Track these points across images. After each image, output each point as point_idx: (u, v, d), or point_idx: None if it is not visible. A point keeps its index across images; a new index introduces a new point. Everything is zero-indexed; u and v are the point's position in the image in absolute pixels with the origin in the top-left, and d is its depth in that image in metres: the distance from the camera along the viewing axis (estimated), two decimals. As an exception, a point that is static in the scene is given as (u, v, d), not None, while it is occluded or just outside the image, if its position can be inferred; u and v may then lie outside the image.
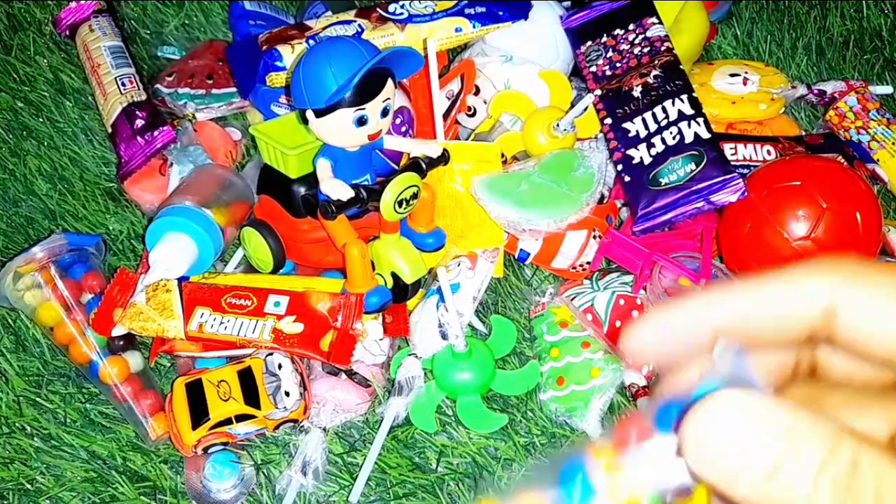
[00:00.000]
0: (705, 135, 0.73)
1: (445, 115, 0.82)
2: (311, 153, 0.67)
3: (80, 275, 0.70)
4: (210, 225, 0.72)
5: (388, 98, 0.63)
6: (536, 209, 0.71)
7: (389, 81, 0.63)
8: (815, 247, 0.68)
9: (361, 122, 0.62)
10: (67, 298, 0.68)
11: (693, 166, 0.72)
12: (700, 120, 0.74)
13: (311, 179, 0.68)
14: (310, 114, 0.62)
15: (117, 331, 0.68)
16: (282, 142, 0.68)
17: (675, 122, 0.74)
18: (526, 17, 0.84)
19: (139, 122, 0.81)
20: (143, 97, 0.83)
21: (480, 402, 0.67)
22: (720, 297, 0.20)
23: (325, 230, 0.69)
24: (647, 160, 0.74)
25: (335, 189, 0.63)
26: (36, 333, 0.72)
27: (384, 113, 0.63)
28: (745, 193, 0.70)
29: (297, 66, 0.63)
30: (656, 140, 0.75)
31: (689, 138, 0.73)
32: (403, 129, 0.80)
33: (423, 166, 0.66)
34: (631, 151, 0.75)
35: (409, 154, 0.71)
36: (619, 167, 0.76)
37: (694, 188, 0.71)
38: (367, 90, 0.61)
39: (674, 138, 0.74)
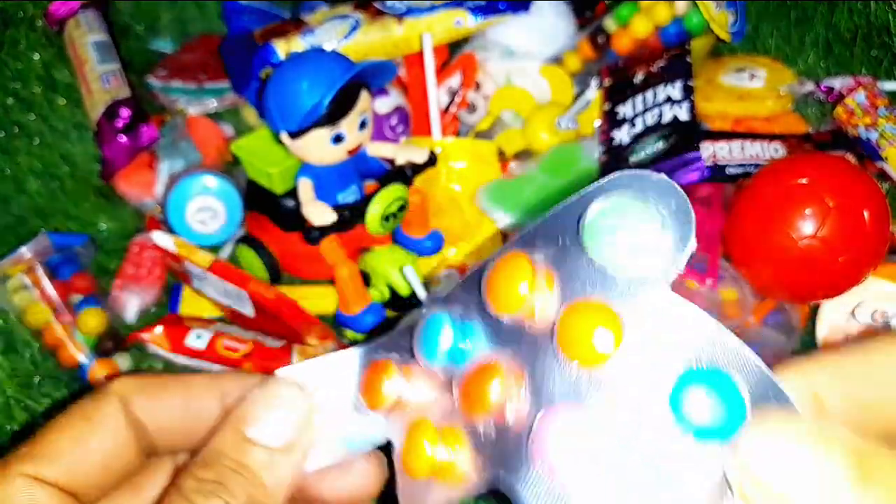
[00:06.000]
0: (683, 117, 0.71)
1: (445, 111, 0.80)
2: (296, 167, 0.65)
3: (68, 275, 0.69)
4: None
5: (365, 111, 0.61)
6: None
7: (364, 93, 0.61)
8: (822, 246, 0.66)
9: (338, 139, 0.61)
10: (55, 300, 0.66)
11: (661, 145, 0.70)
12: (685, 105, 0.72)
13: (297, 193, 0.66)
14: (284, 135, 0.61)
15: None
16: (264, 158, 0.66)
17: (659, 105, 0.73)
18: (527, 9, 0.82)
19: (122, 121, 0.79)
20: (128, 94, 0.81)
21: None
22: None
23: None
24: (626, 141, 0.73)
25: (317, 214, 0.61)
26: (25, 334, 0.70)
27: (362, 125, 0.62)
28: (706, 174, 0.69)
29: (267, 87, 0.61)
30: (638, 121, 0.73)
31: (666, 119, 0.72)
32: (399, 129, 0.79)
33: (409, 174, 0.65)
34: (614, 132, 0.74)
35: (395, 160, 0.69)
36: (602, 148, 0.75)
37: (657, 167, 0.70)
38: (341, 107, 0.59)
39: (653, 119, 0.73)
